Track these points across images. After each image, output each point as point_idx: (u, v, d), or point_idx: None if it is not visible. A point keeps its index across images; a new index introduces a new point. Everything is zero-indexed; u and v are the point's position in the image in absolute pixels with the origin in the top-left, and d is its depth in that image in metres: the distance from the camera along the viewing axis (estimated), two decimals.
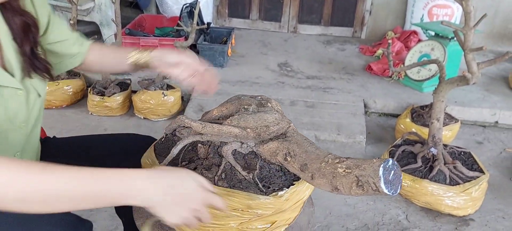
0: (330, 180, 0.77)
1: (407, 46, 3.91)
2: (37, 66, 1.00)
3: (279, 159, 0.86)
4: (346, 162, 0.76)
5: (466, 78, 1.85)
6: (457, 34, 1.92)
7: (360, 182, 0.73)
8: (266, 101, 1.02)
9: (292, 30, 4.74)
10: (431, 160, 2.12)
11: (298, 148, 0.84)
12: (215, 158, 0.96)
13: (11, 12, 0.95)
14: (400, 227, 1.96)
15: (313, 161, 0.80)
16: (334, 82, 3.39)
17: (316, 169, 0.78)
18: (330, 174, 0.77)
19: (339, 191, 0.76)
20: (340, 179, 0.75)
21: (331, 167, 0.77)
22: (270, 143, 0.88)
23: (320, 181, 0.78)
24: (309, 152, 0.82)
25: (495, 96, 3.23)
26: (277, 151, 0.86)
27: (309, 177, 0.80)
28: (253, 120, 0.90)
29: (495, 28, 4.32)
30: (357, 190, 0.74)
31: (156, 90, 2.85)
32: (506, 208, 2.14)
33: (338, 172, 0.76)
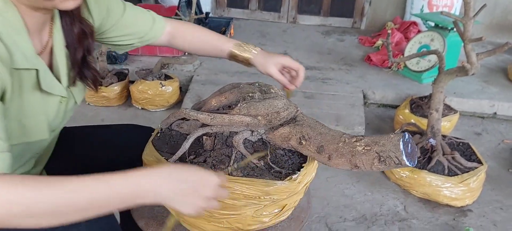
0: (349, 159, 0.78)
1: (407, 37, 3.89)
2: (85, 75, 0.97)
3: (292, 144, 0.86)
4: (364, 140, 0.78)
5: (465, 69, 1.84)
6: (456, 24, 1.91)
7: (382, 157, 0.75)
8: (268, 87, 1.01)
9: (291, 21, 4.71)
10: (429, 150, 2.12)
11: (312, 130, 0.85)
12: (223, 149, 0.95)
13: (70, 19, 0.91)
14: (398, 218, 1.97)
15: (329, 142, 0.81)
16: (333, 73, 3.38)
17: (333, 149, 0.80)
18: (348, 153, 0.78)
19: (359, 168, 0.78)
20: (360, 156, 0.77)
21: (349, 146, 0.79)
22: (282, 129, 0.88)
23: (338, 161, 0.80)
24: (323, 134, 0.83)
25: (494, 87, 3.22)
26: (290, 135, 0.86)
27: (326, 158, 0.81)
28: (263, 107, 0.89)
29: (495, 19, 4.30)
30: (379, 166, 0.76)
31: (154, 80, 2.83)
32: (504, 199, 2.14)
33: (357, 150, 0.77)
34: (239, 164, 0.90)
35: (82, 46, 0.93)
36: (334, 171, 2.29)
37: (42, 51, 0.88)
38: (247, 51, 1.17)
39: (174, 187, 0.73)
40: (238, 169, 0.90)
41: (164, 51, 3.46)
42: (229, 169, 0.89)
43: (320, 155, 0.82)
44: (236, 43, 1.18)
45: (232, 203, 0.86)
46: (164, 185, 0.72)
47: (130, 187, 0.69)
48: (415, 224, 1.93)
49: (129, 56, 3.41)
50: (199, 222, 0.92)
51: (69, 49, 0.93)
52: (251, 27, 4.44)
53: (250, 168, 0.92)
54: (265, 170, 0.92)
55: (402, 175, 2.10)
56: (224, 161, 0.92)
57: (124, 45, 1.15)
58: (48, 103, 0.90)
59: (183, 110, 0.97)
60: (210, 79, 3.08)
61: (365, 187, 2.18)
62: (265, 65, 1.15)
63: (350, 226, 1.90)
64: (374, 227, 1.90)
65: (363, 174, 2.28)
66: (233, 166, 0.90)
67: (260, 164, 0.92)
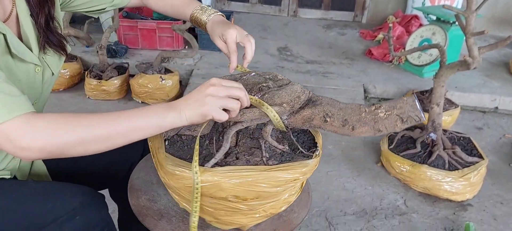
0: (372, 126, 0.87)
1: (408, 31, 3.87)
2: (51, 40, 1.00)
3: (315, 123, 0.91)
4: (383, 106, 0.87)
5: (467, 63, 1.83)
6: (458, 18, 1.90)
7: (403, 119, 0.85)
8: (274, 75, 1.02)
9: (292, 14, 4.69)
10: (430, 145, 2.11)
11: (332, 107, 0.90)
12: (247, 142, 0.95)
13: None
14: (398, 212, 1.96)
15: (350, 114, 0.88)
16: (334, 67, 3.37)
17: (356, 120, 0.87)
18: (371, 121, 0.87)
19: (381, 132, 0.87)
20: (382, 121, 0.86)
21: (371, 115, 0.87)
22: (303, 111, 0.91)
23: (361, 130, 0.88)
24: (343, 108, 0.89)
25: (496, 82, 3.21)
26: (312, 116, 0.90)
27: (350, 129, 0.88)
28: (286, 94, 0.91)
29: (497, 12, 4.28)
30: (401, 126, 0.86)
31: (154, 74, 2.82)
32: (505, 193, 2.14)
33: (380, 116, 0.86)
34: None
35: (43, 10, 0.97)
36: (334, 165, 2.29)
37: (7, 19, 0.93)
38: (204, 14, 1.12)
39: (188, 102, 0.81)
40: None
41: (164, 45, 3.45)
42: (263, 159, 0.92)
43: (344, 127, 0.89)
44: (199, 6, 1.15)
45: (275, 191, 0.89)
46: (183, 108, 0.81)
47: (157, 119, 0.80)
48: (415, 218, 1.93)
49: (129, 50, 3.40)
50: (236, 218, 0.93)
51: (33, 16, 0.97)
52: (251, 20, 4.42)
53: (279, 154, 0.94)
54: (290, 153, 0.96)
55: (403, 170, 2.09)
56: (256, 154, 0.92)
57: (95, 10, 1.19)
58: (22, 71, 0.94)
59: None
60: (211, 73, 3.07)
61: (365, 181, 2.17)
62: (212, 34, 1.10)
63: (350, 220, 1.90)
64: (374, 221, 1.90)
65: (363, 168, 2.27)
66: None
67: (286, 149, 0.96)
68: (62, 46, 1.03)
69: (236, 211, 0.91)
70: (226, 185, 0.84)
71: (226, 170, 0.84)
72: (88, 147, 0.77)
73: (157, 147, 0.94)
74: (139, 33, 3.40)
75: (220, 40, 1.08)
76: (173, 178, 0.87)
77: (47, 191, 0.95)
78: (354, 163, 2.32)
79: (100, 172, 1.21)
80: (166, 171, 0.88)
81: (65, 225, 0.90)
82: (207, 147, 0.95)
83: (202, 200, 0.88)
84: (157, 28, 3.37)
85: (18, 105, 0.75)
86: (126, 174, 1.20)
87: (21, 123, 0.74)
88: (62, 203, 0.92)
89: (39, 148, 0.74)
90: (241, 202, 0.88)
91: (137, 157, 1.20)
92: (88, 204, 0.94)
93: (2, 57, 0.89)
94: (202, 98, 0.81)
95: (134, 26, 3.38)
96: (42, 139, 0.74)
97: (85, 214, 0.92)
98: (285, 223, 1.02)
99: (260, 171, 0.85)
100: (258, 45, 3.67)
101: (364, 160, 2.36)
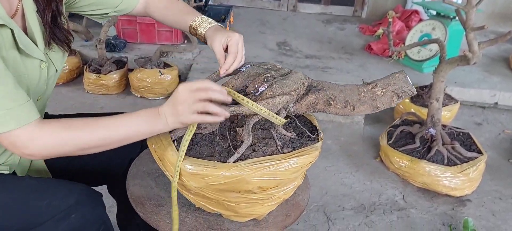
0: (371, 103, 0.93)
1: (408, 26, 3.86)
2: (57, 36, 1.00)
3: (319, 107, 0.94)
4: (379, 84, 0.92)
5: (466, 58, 1.83)
6: (459, 12, 1.89)
7: (399, 94, 0.92)
8: (272, 64, 1.02)
9: (291, 9, 4.67)
10: (429, 140, 2.11)
11: (333, 91, 0.94)
12: (259, 133, 0.96)
13: None
14: (397, 207, 1.97)
15: (350, 95, 0.93)
16: (333, 62, 3.36)
17: (356, 100, 0.93)
18: (370, 99, 0.92)
19: (379, 108, 0.93)
20: (380, 99, 0.92)
21: (369, 93, 0.92)
22: (307, 97, 0.94)
23: (361, 108, 0.93)
24: (343, 90, 0.94)
25: (495, 77, 3.20)
26: (316, 101, 0.94)
27: (351, 109, 0.93)
28: (293, 82, 0.93)
29: (497, 8, 4.26)
30: (397, 101, 0.92)
31: (152, 68, 2.81)
32: (503, 189, 2.14)
33: (377, 94, 0.92)
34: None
35: (50, 6, 0.97)
36: (333, 160, 2.29)
37: (14, 15, 0.93)
38: (202, 26, 1.11)
39: (169, 111, 0.86)
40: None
41: (163, 39, 3.43)
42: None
43: (346, 108, 0.94)
44: (197, 17, 1.13)
45: (294, 177, 0.93)
46: (167, 115, 0.86)
47: (149, 127, 0.87)
48: (413, 213, 1.93)
49: (128, 44, 3.39)
50: (255, 209, 0.94)
51: (39, 13, 0.97)
52: (251, 15, 4.40)
53: (290, 141, 0.96)
54: (299, 139, 0.98)
55: (401, 165, 2.09)
56: (270, 144, 0.94)
57: (99, 15, 1.18)
58: (28, 67, 0.94)
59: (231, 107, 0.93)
60: (209, 68, 3.06)
61: (364, 176, 2.17)
62: (213, 39, 1.06)
63: (348, 215, 1.90)
64: (372, 216, 1.90)
65: (362, 163, 2.27)
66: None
67: (294, 135, 0.98)
68: (67, 42, 1.04)
69: (256, 202, 0.93)
70: (252, 178, 0.86)
71: (249, 163, 0.86)
72: (86, 152, 0.88)
73: (163, 151, 0.91)
74: (138, 27, 3.39)
75: (220, 45, 1.04)
76: (194, 178, 0.87)
77: (43, 188, 0.95)
78: (353, 158, 2.32)
79: (99, 168, 1.21)
80: (183, 172, 0.87)
81: (60, 223, 0.90)
82: (219, 143, 0.95)
83: (225, 196, 0.90)
84: (156, 23, 3.36)
85: (25, 113, 0.82)
86: (124, 170, 1.20)
87: (27, 133, 0.82)
88: (58, 200, 0.92)
89: (43, 156, 0.85)
90: (263, 192, 0.90)
91: (135, 153, 1.21)
92: (84, 202, 0.94)
93: (9, 52, 0.89)
94: (175, 108, 0.85)
95: (133, 20, 3.36)
96: (45, 150, 0.84)
97: (81, 212, 0.92)
98: (294, 206, 1.05)
99: (280, 159, 0.88)
100: (257, 39, 3.67)
101: (363, 155, 2.36)
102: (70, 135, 0.84)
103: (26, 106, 0.83)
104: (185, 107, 0.84)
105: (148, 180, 1.04)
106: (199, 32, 1.11)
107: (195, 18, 1.12)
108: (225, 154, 0.92)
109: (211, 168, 0.85)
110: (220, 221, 0.97)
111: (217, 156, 0.92)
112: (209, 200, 0.92)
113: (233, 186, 0.86)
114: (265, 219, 1.00)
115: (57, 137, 0.84)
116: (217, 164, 0.87)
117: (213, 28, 1.09)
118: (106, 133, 0.86)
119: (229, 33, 1.04)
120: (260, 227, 0.98)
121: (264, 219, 0.99)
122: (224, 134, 0.96)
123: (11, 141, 0.82)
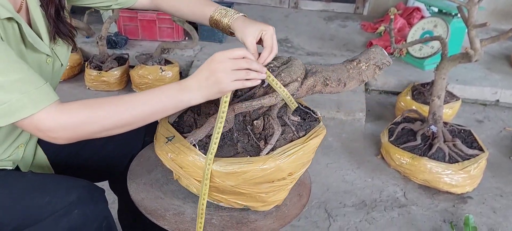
0: (358, 78, 1.00)
1: (410, 23, 3.84)
2: (61, 30, 1.01)
3: (317, 89, 0.99)
4: (362, 59, 1.00)
5: (468, 55, 1.82)
6: (461, 10, 1.88)
7: (379, 66, 1.00)
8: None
9: (293, 6, 4.66)
10: (430, 137, 2.11)
11: (327, 72, 0.99)
12: (273, 124, 0.96)
13: None
14: (398, 204, 1.97)
15: (341, 73, 0.99)
16: (335, 59, 3.36)
17: (346, 77, 0.99)
18: (357, 75, 1.00)
19: (364, 81, 1.01)
20: (365, 73, 1.00)
21: (356, 69, 1.00)
22: (306, 81, 0.98)
23: (350, 84, 1.00)
24: (334, 70, 1.00)
25: (497, 74, 3.20)
26: (315, 83, 0.98)
27: (342, 86, 1.00)
28: (297, 69, 0.96)
29: (499, 5, 4.25)
30: (379, 73, 1.01)
31: (154, 65, 2.81)
32: (504, 186, 2.14)
33: (363, 69, 0.99)
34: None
35: (53, 1, 0.98)
36: (334, 157, 2.29)
37: (19, 10, 0.93)
38: (227, 16, 1.07)
39: (200, 82, 0.84)
40: None
41: (164, 36, 3.43)
42: None
43: (339, 86, 1.00)
44: (218, 8, 1.10)
45: (312, 157, 0.97)
46: (196, 89, 0.84)
47: (174, 102, 0.85)
48: (414, 210, 1.93)
49: (129, 41, 3.39)
50: (279, 195, 0.97)
51: (43, 7, 0.98)
52: (252, 12, 4.40)
53: (299, 125, 1.00)
54: (303, 121, 1.02)
55: (403, 162, 2.09)
56: (286, 130, 0.96)
57: (101, 6, 1.19)
58: (35, 62, 0.95)
59: (240, 105, 0.92)
60: None
61: (365, 173, 2.17)
62: (244, 32, 1.02)
63: (349, 211, 1.90)
64: (373, 213, 1.90)
65: (363, 160, 2.27)
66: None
67: (298, 119, 1.01)
68: (71, 36, 1.04)
69: (281, 188, 0.95)
70: (285, 165, 0.88)
71: (281, 152, 0.89)
72: (111, 132, 0.85)
73: (184, 157, 0.89)
74: (139, 24, 3.39)
75: (253, 39, 1.00)
76: (231, 178, 0.87)
77: (45, 184, 0.95)
78: (354, 155, 2.32)
79: (101, 164, 1.21)
80: (217, 174, 0.87)
81: (62, 219, 0.90)
82: (238, 139, 0.96)
83: (258, 188, 0.91)
84: (157, 19, 3.36)
85: (44, 95, 0.81)
86: (126, 166, 1.20)
87: (48, 114, 0.81)
88: (59, 197, 0.91)
89: (68, 138, 0.83)
90: (290, 177, 0.93)
91: (137, 149, 1.20)
92: (86, 199, 0.93)
93: (16, 47, 0.89)
94: (214, 76, 0.82)
95: (134, 17, 3.36)
96: (68, 132, 0.82)
97: (82, 209, 0.92)
98: (301, 186, 1.10)
99: (302, 144, 0.92)
100: None
101: (364, 152, 2.36)
102: (93, 114, 0.82)
103: (44, 89, 0.81)
104: (226, 75, 0.82)
105: (154, 192, 1.03)
106: (224, 22, 1.07)
107: (216, 9, 1.09)
108: (251, 148, 0.94)
109: (247, 164, 0.86)
110: (245, 215, 0.98)
111: (244, 152, 0.93)
112: (242, 195, 0.93)
113: (269, 177, 0.89)
114: (284, 204, 1.03)
115: (81, 116, 0.82)
116: (252, 159, 0.88)
117: (241, 19, 1.05)
118: (130, 111, 0.84)
119: (263, 26, 1.01)
120: (283, 211, 1.01)
121: (283, 204, 1.02)
122: (240, 130, 0.98)
123: (34, 125, 0.81)
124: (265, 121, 0.97)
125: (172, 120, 1.01)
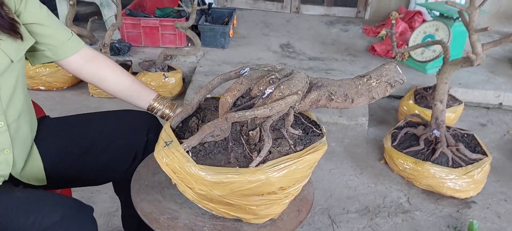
0: (367, 95, 0.97)
1: (412, 27, 3.84)
2: (2, 24, 0.97)
3: (321, 103, 0.98)
4: (373, 76, 0.97)
5: (470, 60, 1.82)
6: (461, 14, 1.88)
7: (391, 84, 0.97)
8: (274, 66, 1.04)
9: (294, 11, 4.67)
10: (433, 142, 2.11)
11: (333, 86, 0.98)
12: (264, 136, 0.95)
13: None
14: (401, 210, 1.96)
15: (349, 89, 0.97)
16: (337, 64, 3.36)
17: (354, 93, 0.97)
18: (366, 91, 0.97)
19: (375, 98, 0.98)
20: (375, 89, 0.97)
21: (366, 86, 0.97)
22: (309, 95, 0.96)
23: (359, 100, 0.98)
24: (341, 85, 0.98)
25: (500, 78, 3.19)
26: (319, 97, 0.97)
27: (350, 102, 0.97)
28: (299, 82, 0.95)
29: (501, 8, 4.24)
30: (390, 90, 0.98)
31: (157, 72, 2.82)
32: (509, 190, 2.13)
33: (373, 85, 0.97)
34: None
35: None
36: (337, 162, 2.29)
37: None
38: (167, 107, 1.24)
39: None
40: None
41: (167, 42, 3.45)
42: None
43: (345, 102, 0.98)
44: (153, 94, 1.26)
45: (309, 173, 0.96)
46: None
47: None
48: (418, 216, 1.93)
49: (132, 48, 3.40)
50: (273, 209, 0.96)
51: None
52: (254, 17, 4.41)
53: (298, 139, 0.98)
54: (304, 134, 1.00)
55: (406, 167, 2.09)
56: (283, 144, 0.95)
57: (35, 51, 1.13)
58: None
59: (233, 115, 0.91)
60: (213, 70, 3.07)
61: (368, 178, 2.17)
62: None
63: (353, 218, 1.90)
64: (377, 219, 1.90)
65: (366, 165, 2.27)
66: None
67: (300, 133, 1.00)
68: (14, 30, 1.00)
69: (274, 202, 0.94)
70: (275, 179, 0.87)
71: (271, 165, 0.87)
72: None
73: (178, 163, 0.89)
74: (142, 31, 3.40)
75: None
76: (218, 187, 0.87)
77: (30, 202, 0.92)
78: (357, 160, 2.32)
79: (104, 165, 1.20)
80: (205, 182, 0.86)
81: None
82: (232, 148, 0.96)
83: (247, 200, 0.90)
84: (160, 26, 3.37)
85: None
86: (129, 166, 1.20)
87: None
88: (44, 217, 0.89)
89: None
90: (282, 192, 0.92)
91: (140, 148, 1.19)
92: (70, 218, 0.91)
93: None
94: None
95: (137, 24, 3.37)
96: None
97: (66, 229, 0.90)
98: (303, 201, 1.08)
99: (297, 158, 0.90)
100: (260, 42, 3.68)
101: (367, 157, 2.35)
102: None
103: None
104: None
105: (154, 194, 1.03)
106: (165, 112, 1.24)
107: (152, 100, 1.25)
108: (243, 159, 0.93)
109: (235, 175, 0.86)
110: (239, 225, 0.98)
111: (235, 162, 0.92)
112: (231, 206, 0.93)
113: (257, 190, 0.87)
114: (280, 218, 1.01)
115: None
116: (240, 169, 0.87)
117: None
118: None
119: None
120: (277, 226, 1.00)
121: (279, 218, 1.01)
122: (237, 139, 0.97)
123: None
124: (261, 132, 0.96)
125: (175, 124, 1.00)
